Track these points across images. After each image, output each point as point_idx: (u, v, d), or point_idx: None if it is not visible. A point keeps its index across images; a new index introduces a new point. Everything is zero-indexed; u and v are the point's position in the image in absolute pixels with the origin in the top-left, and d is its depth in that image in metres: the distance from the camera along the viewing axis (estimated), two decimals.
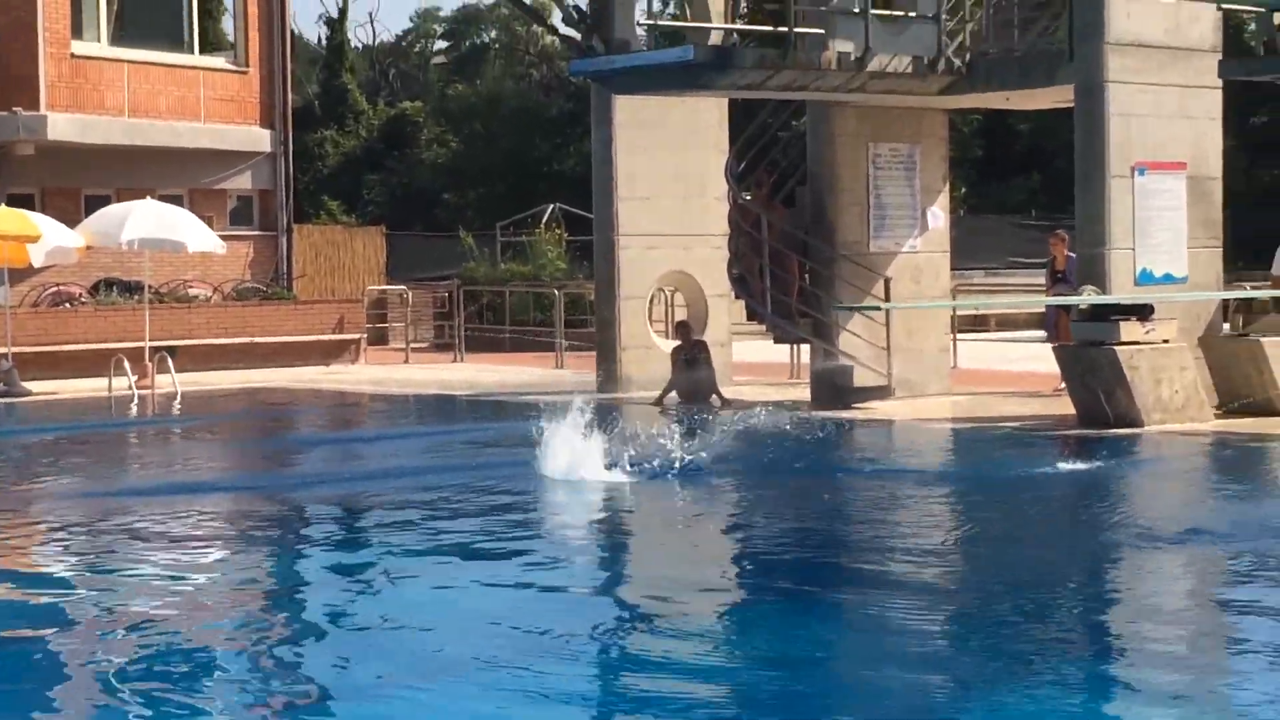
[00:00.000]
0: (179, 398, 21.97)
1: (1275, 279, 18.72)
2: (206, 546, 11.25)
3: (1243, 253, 30.21)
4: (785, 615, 8.88)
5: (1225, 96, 18.56)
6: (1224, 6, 18.17)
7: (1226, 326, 18.58)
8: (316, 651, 8.16)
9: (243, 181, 30.30)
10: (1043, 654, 7.85)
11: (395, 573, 9.98)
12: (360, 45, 68.41)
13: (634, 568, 10.96)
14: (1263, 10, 16.14)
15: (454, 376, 25.14)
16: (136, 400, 21.65)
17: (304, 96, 55.04)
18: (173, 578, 9.94)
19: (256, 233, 30.51)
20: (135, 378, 22.36)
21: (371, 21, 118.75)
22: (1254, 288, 19.73)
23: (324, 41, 61.83)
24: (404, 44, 71.72)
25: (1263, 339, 17.53)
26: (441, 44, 72.01)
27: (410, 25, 72.70)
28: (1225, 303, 18.79)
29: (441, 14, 71.45)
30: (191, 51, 29.71)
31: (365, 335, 29.13)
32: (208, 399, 22.42)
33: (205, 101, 29.43)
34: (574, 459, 13.54)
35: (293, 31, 35.60)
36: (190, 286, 28.41)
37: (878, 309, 19.10)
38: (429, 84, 64.67)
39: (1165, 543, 10.75)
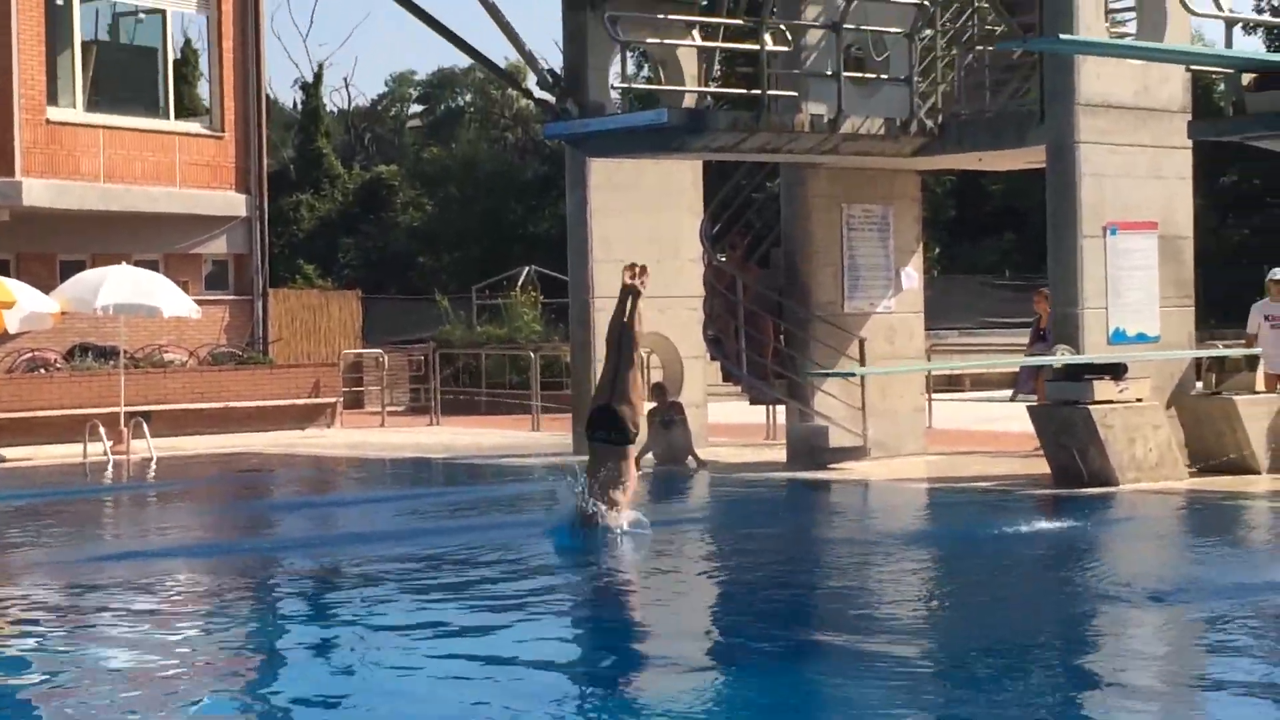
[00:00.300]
0: (154, 463, 21.92)
1: (1250, 338, 18.81)
2: (178, 614, 11.20)
3: (1214, 311, 30.41)
4: (760, 678, 8.87)
5: (1195, 156, 18.71)
6: (1193, 68, 18.33)
7: (1199, 385, 18.65)
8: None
9: (218, 246, 30.32)
10: (1012, 715, 7.86)
11: (369, 640, 9.95)
12: (335, 109, 68.65)
13: (608, 636, 10.94)
14: (1230, 71, 16.28)
15: (430, 440, 25.11)
16: (112, 466, 21.59)
17: (279, 161, 55.18)
18: (142, 645, 9.90)
19: (232, 297, 30.51)
20: (110, 443, 22.31)
21: (346, 86, 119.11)
22: (1226, 346, 19.81)
23: (299, 106, 62.03)
24: (379, 108, 71.98)
25: (1236, 397, 17.61)
26: (416, 108, 72.31)
27: (385, 89, 72.94)
28: (1198, 361, 18.86)
29: (416, 78, 71.80)
30: (167, 117, 29.77)
31: (341, 399, 29.11)
32: (184, 464, 22.36)
33: (181, 166, 29.48)
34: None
35: (268, 96, 35.69)
36: (166, 351, 28.37)
37: (851, 375, 19.15)
38: (404, 148, 64.86)
39: (1139, 603, 10.77)
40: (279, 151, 56.15)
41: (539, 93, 21.78)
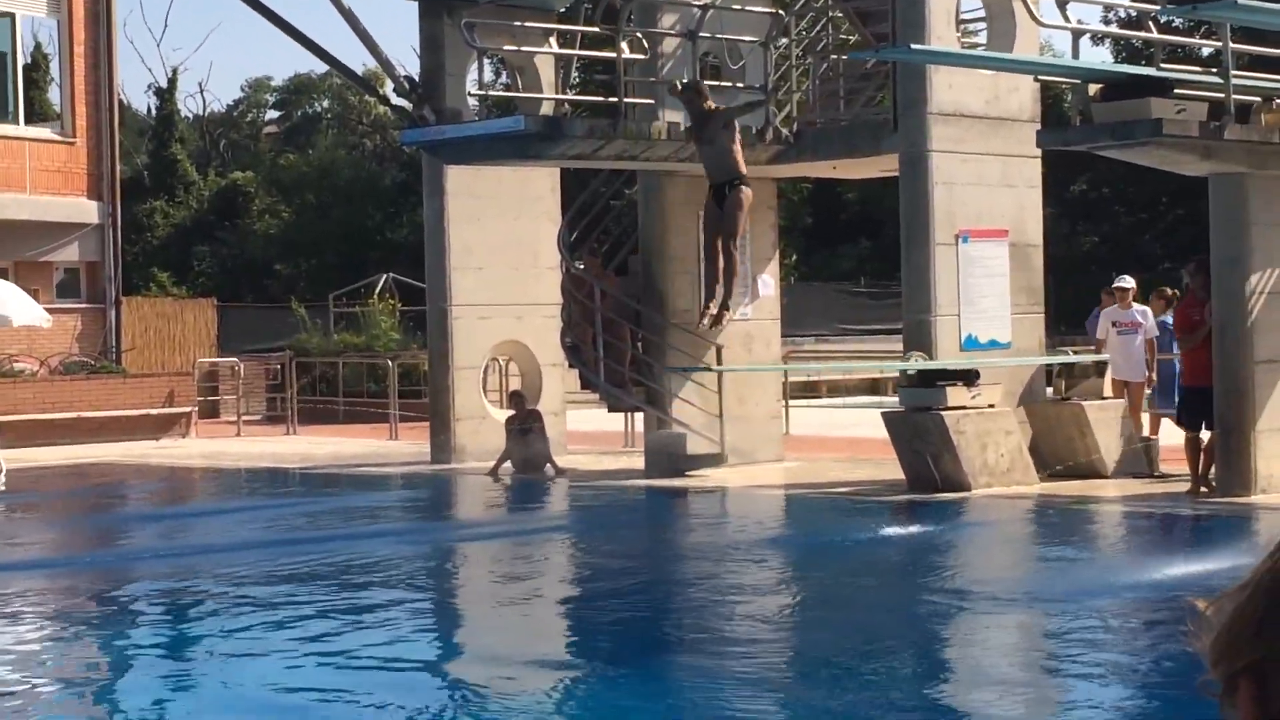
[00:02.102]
0: (4, 475, 21.53)
1: (1098, 344, 19.13)
2: (23, 630, 11.03)
3: (1064, 318, 30.91)
4: (611, 683, 8.90)
5: (1045, 165, 19.00)
6: (1041, 78, 18.62)
7: (1050, 391, 18.95)
8: None
9: (70, 253, 29.86)
10: (868, 716, 7.94)
11: (219, 650, 9.85)
12: (190, 115, 67.84)
13: (454, 640, 10.92)
14: (1077, 81, 16.56)
15: (287, 449, 24.90)
16: None
17: (133, 167, 54.42)
18: None
19: (84, 305, 30.05)
20: None
21: (201, 91, 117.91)
22: (1076, 352, 20.13)
23: (153, 111, 61.25)
24: (235, 114, 71.24)
25: (1085, 403, 17.91)
26: (273, 114, 71.63)
27: (241, 95, 72.22)
28: (1048, 368, 19.16)
29: (273, 83, 71.12)
30: (17, 122, 29.28)
31: (196, 409, 28.77)
32: (34, 476, 21.99)
33: (31, 172, 29.00)
34: None
35: (121, 101, 35.22)
36: (16, 361, 27.88)
37: (706, 369, 19.25)
38: (260, 154, 64.24)
39: (990, 605, 10.93)
40: (132, 158, 55.38)
41: (396, 99, 21.72)
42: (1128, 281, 19.16)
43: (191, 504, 19.88)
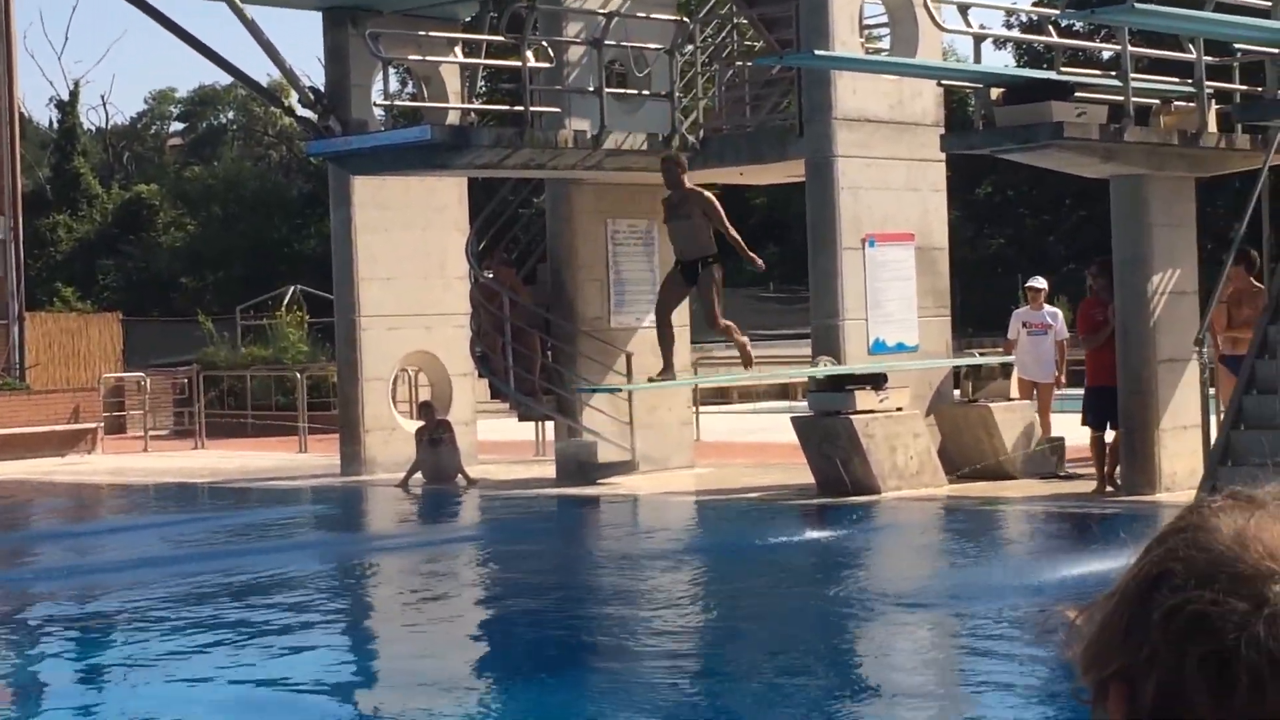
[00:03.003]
0: None
1: (1008, 344, 19.30)
2: None
3: (970, 320, 31.15)
4: (525, 695, 8.88)
5: (950, 169, 19.15)
6: (945, 82, 18.77)
7: (957, 393, 19.08)
8: None
9: None
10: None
11: (128, 667, 9.75)
12: (93, 128, 67.21)
13: (367, 655, 10.86)
14: (980, 86, 16.69)
15: (195, 464, 24.69)
16: None
17: (34, 181, 53.81)
18: None
19: None
20: None
21: (104, 104, 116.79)
22: (982, 354, 20.29)
23: (55, 125, 60.61)
24: (139, 126, 70.63)
25: (991, 405, 18.05)
26: (177, 126, 71.08)
27: (145, 107, 71.61)
28: (956, 370, 19.30)
29: (177, 95, 70.55)
30: None
31: (102, 424, 28.48)
32: None
33: None
34: None
35: (22, 114, 34.83)
36: None
37: (617, 390, 19.24)
38: (165, 166, 63.71)
39: (900, 608, 10.99)
40: (34, 171, 54.76)
41: (301, 110, 21.57)
42: (1040, 282, 19.34)
43: (97, 521, 19.66)
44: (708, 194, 16.62)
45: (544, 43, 19.30)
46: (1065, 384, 18.82)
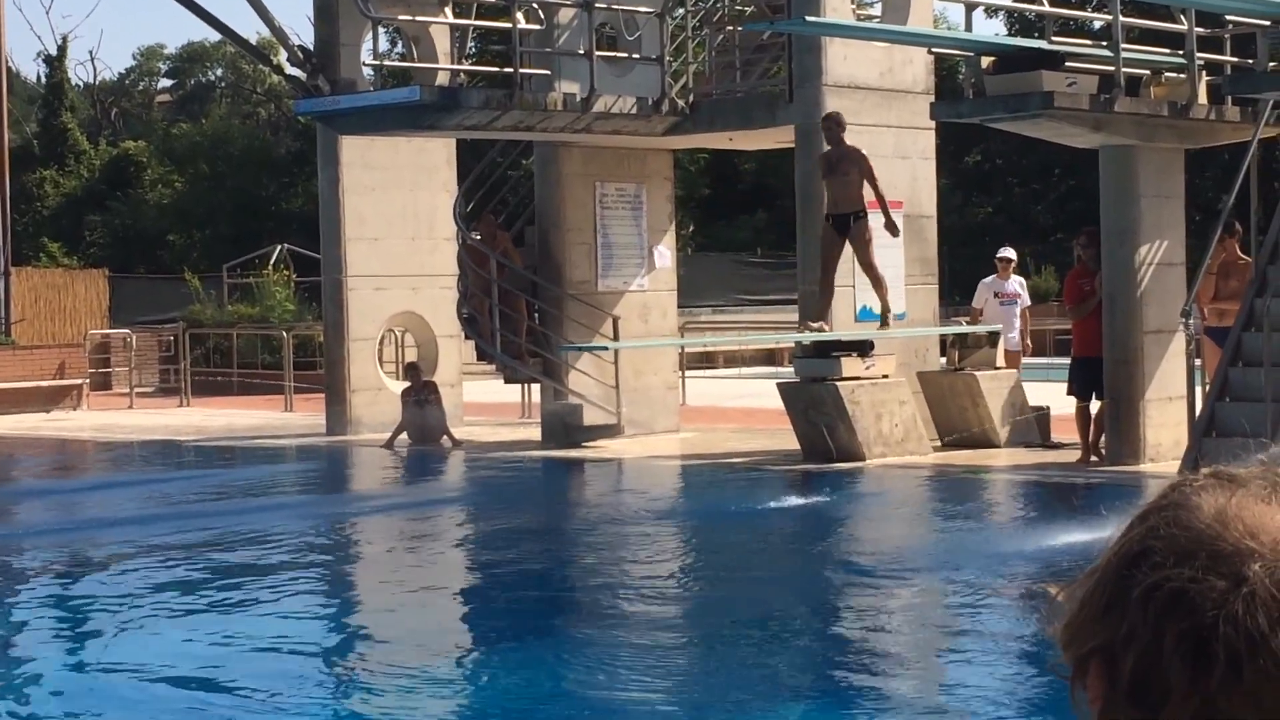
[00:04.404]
0: None
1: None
2: None
3: (958, 288, 31.13)
4: (513, 654, 8.90)
5: (940, 137, 19.13)
6: (935, 50, 18.75)
7: (943, 361, 19.10)
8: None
9: None
10: (767, 686, 7.99)
11: (108, 628, 9.76)
12: (81, 84, 66.94)
13: (351, 616, 10.89)
14: (971, 54, 16.67)
15: (180, 421, 24.68)
16: None
17: (22, 136, 53.64)
18: None
19: None
20: None
21: (92, 59, 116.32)
22: (968, 323, 20.31)
23: (43, 80, 60.38)
24: (127, 82, 70.38)
25: (977, 373, 18.08)
26: (166, 82, 70.85)
27: (133, 63, 71.34)
28: (942, 338, 19.32)
29: (166, 52, 70.33)
30: None
31: (88, 381, 28.45)
32: None
33: None
34: None
35: (9, 69, 34.70)
36: None
37: (604, 349, 19.26)
38: (153, 123, 63.50)
39: (885, 574, 11.02)
40: (21, 126, 54.59)
41: (290, 69, 21.50)
42: (1011, 253, 19.38)
43: (83, 477, 19.66)
44: (864, 151, 16.87)
45: (534, 4, 19.23)
46: (1030, 352, 18.95)
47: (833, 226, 17.10)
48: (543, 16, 19.26)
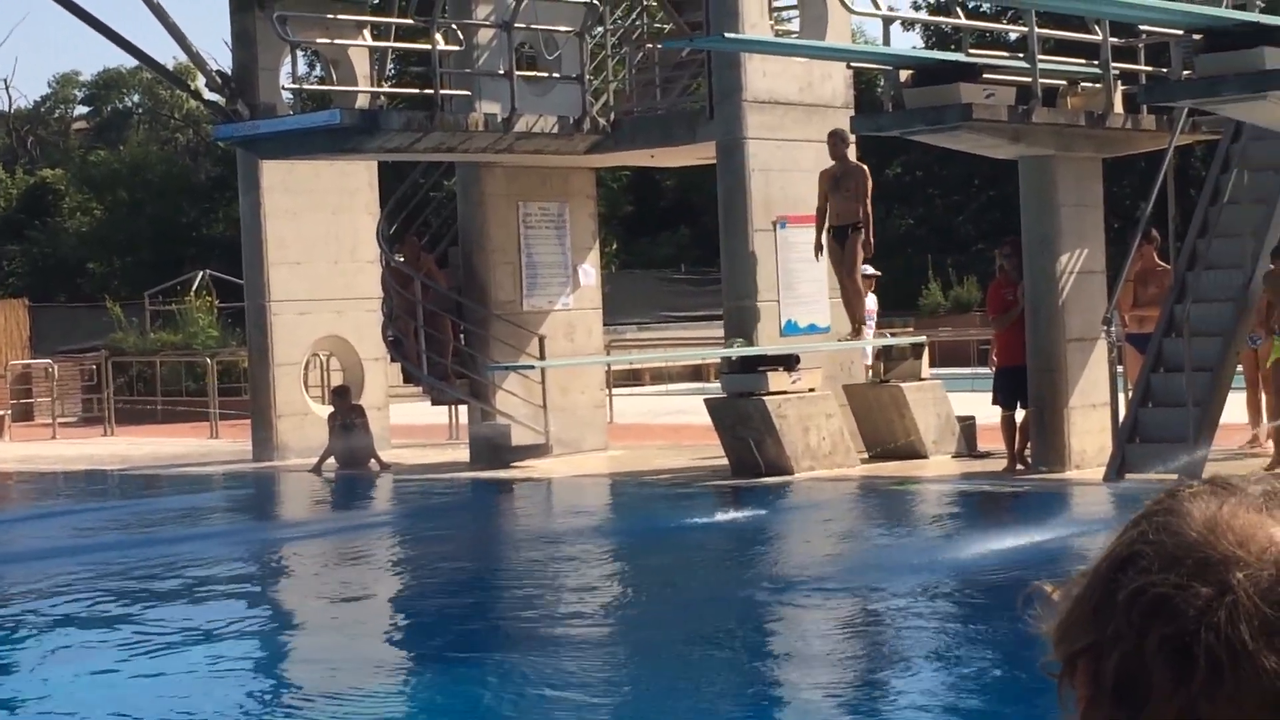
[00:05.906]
0: None
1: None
2: None
3: (882, 300, 31.26)
4: (442, 676, 8.86)
5: (860, 150, 19.22)
6: (853, 64, 18.85)
7: (869, 373, 19.17)
8: None
9: None
10: (696, 702, 7.99)
11: (31, 658, 9.66)
12: None
13: (280, 643, 10.81)
14: (889, 68, 16.77)
15: (104, 451, 24.45)
16: None
17: None
18: None
19: None
20: None
21: (6, 88, 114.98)
22: (894, 334, 20.41)
23: None
24: (42, 110, 69.76)
25: (903, 384, 18.16)
26: (82, 109, 70.28)
27: (49, 90, 70.72)
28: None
29: (81, 79, 69.76)
30: None
31: (9, 412, 28.17)
32: None
33: None
34: None
35: None
36: None
37: (531, 368, 19.23)
38: (70, 151, 63.00)
39: (815, 588, 11.05)
40: None
41: (209, 94, 21.38)
42: (871, 270, 19.43)
43: (4, 510, 19.44)
44: (865, 169, 17.62)
45: (453, 25, 19.22)
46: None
47: (834, 239, 17.68)
48: (462, 37, 19.25)
